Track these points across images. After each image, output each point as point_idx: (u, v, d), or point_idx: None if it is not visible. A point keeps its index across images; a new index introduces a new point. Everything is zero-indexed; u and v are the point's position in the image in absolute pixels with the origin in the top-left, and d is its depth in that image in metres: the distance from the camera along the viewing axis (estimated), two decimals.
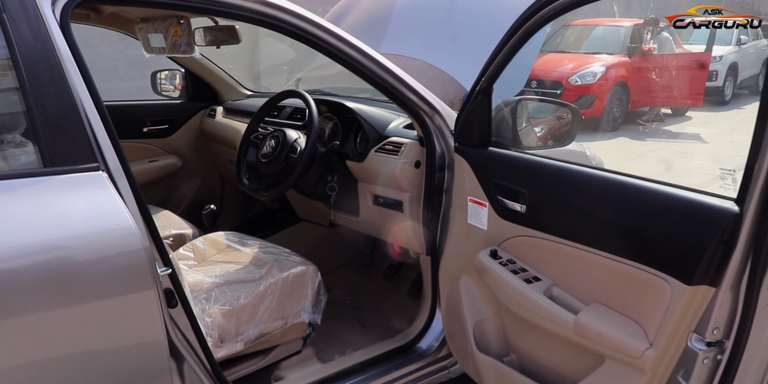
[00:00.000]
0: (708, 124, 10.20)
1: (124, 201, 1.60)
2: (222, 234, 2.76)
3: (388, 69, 2.24)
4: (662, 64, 9.83)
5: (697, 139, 9.33)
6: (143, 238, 1.61)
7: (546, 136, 2.58)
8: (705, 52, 9.68)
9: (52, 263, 1.49)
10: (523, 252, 1.97)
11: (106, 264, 1.57)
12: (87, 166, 1.59)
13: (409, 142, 2.43)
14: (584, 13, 11.31)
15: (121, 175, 1.63)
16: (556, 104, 2.69)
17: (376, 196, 2.62)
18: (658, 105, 9.97)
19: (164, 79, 3.89)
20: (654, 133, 9.51)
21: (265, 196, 2.63)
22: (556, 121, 2.52)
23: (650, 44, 9.84)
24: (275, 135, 2.68)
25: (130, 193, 1.63)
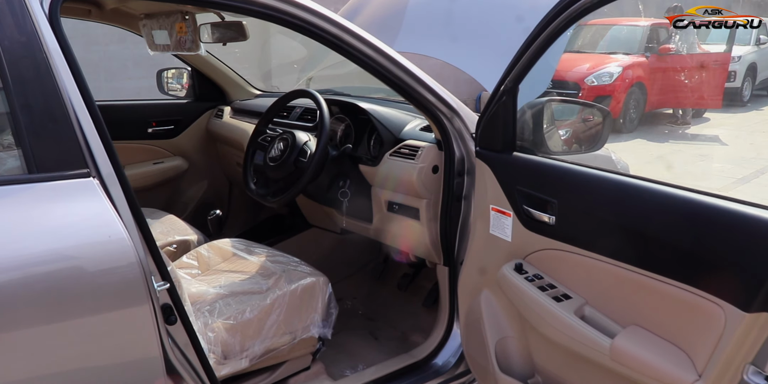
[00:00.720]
0: (726, 125, 10.00)
1: (117, 210, 1.47)
2: (228, 241, 2.62)
3: (404, 68, 2.10)
4: (680, 64, 9.65)
5: (716, 141, 9.14)
6: (138, 250, 1.48)
7: (571, 139, 2.42)
8: (725, 52, 9.49)
9: (36, 279, 1.37)
10: (551, 266, 1.82)
11: (96, 279, 1.45)
12: (76, 173, 1.46)
13: (427, 146, 2.29)
14: (601, 12, 11.12)
15: (114, 182, 1.50)
16: (586, 106, 2.53)
17: (391, 203, 2.48)
18: (676, 106, 9.78)
19: (171, 78, 3.77)
20: (672, 135, 9.34)
21: (272, 202, 2.48)
22: (581, 123, 2.37)
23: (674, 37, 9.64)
24: (284, 137, 2.53)
25: (124, 202, 1.51)
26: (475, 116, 2.22)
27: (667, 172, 7.14)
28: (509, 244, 1.95)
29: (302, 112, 3.00)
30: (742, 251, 1.33)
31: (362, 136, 2.64)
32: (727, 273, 1.36)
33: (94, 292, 1.44)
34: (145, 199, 3.39)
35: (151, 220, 2.98)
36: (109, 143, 1.51)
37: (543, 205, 1.79)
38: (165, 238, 2.80)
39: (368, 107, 2.55)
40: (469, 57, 3.09)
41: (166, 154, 3.57)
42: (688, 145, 8.99)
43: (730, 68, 9.87)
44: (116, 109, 3.46)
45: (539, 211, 1.80)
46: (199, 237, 2.85)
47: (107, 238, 1.45)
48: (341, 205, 2.53)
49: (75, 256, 1.42)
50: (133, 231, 1.50)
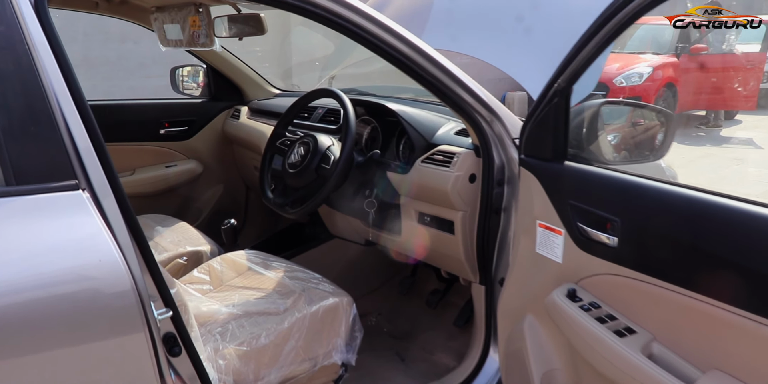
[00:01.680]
0: (760, 128, 9.67)
1: (110, 228, 1.27)
2: (243, 254, 2.41)
3: (440, 65, 1.90)
4: (713, 64, 9.33)
5: (749, 143, 8.83)
6: (135, 274, 1.28)
7: (619, 146, 2.18)
8: (760, 51, 9.16)
9: (11, 310, 1.17)
10: (610, 294, 1.58)
11: (83, 310, 1.25)
12: (63, 184, 1.26)
13: (463, 152, 2.07)
14: None
15: (107, 194, 1.29)
16: (647, 109, 2.28)
17: (422, 214, 2.25)
18: (708, 108, 9.46)
19: (186, 76, 3.57)
20: (704, 138, 9.03)
21: (291, 213, 2.26)
22: (631, 128, 2.12)
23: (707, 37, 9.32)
24: (305, 141, 2.31)
25: (119, 218, 1.30)
26: (517, 120, 2.01)
27: (702, 177, 6.86)
28: (559, 265, 1.71)
29: (325, 113, 2.78)
30: None
31: (390, 141, 2.42)
32: None
33: (80, 324, 1.24)
34: (156, 205, 3.23)
35: (161, 227, 2.79)
36: (103, 149, 1.30)
37: (602, 223, 1.56)
38: (176, 248, 2.60)
39: (397, 108, 2.32)
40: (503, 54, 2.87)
41: (179, 157, 3.38)
42: (720, 148, 8.69)
43: (766, 68, 9.52)
44: (126, 109, 3.29)
45: (597, 230, 1.56)
46: (213, 248, 2.65)
47: (97, 262, 1.25)
48: (367, 216, 2.31)
49: (58, 283, 1.22)
50: (129, 252, 1.30)
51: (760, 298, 1.22)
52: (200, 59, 3.31)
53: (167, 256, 2.54)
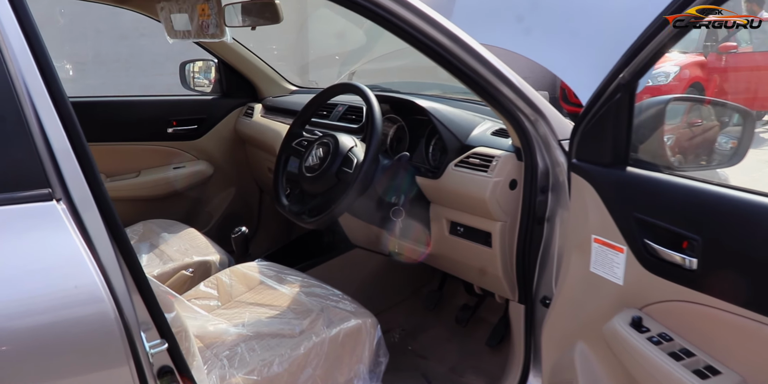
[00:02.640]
0: None
1: (90, 247, 1.05)
2: (255, 266, 2.19)
3: (482, 58, 1.69)
4: (743, 63, 9.01)
5: None
6: (119, 302, 1.06)
7: (674, 148, 1.93)
8: None
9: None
10: (686, 325, 1.34)
11: (54, 346, 1.03)
12: (32, 194, 1.04)
13: (503, 155, 1.83)
14: None
15: (89, 207, 1.07)
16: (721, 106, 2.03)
17: (455, 224, 2.02)
18: None
19: (197, 72, 3.36)
20: None
21: (309, 222, 2.02)
22: (686, 129, 1.87)
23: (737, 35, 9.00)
24: (324, 142, 2.07)
25: (103, 234, 1.06)
26: (564, 120, 1.78)
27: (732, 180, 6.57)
28: (620, 288, 1.47)
29: (345, 110, 2.55)
30: None
31: (418, 141, 2.18)
32: None
33: (50, 363, 1.02)
34: (163, 209, 3.06)
35: (167, 234, 2.59)
36: (85, 153, 1.08)
37: (677, 241, 1.31)
38: (182, 258, 2.39)
39: (428, 106, 2.08)
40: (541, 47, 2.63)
41: (188, 158, 3.18)
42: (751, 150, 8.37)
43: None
44: (131, 106, 3.09)
45: (671, 249, 1.32)
46: (223, 257, 2.44)
47: (72, 289, 1.02)
48: (393, 226, 2.07)
49: (21, 315, 0.99)
50: (115, 276, 1.08)
51: None
52: (211, 53, 3.10)
53: (172, 267, 2.33)
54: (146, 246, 2.59)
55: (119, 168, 3.01)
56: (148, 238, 2.64)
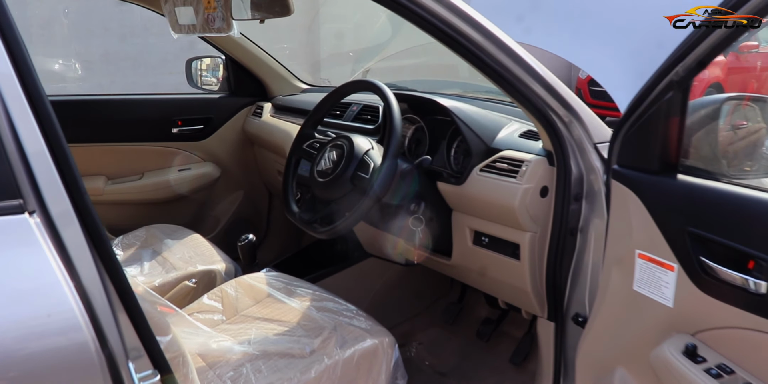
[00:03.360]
0: None
1: (69, 267, 0.90)
2: (262, 276, 2.04)
3: (514, 54, 1.54)
4: (764, 63, 8.81)
5: None
6: (100, 330, 0.92)
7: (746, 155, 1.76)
8: None
9: None
10: (750, 356, 1.18)
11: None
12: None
13: (534, 160, 1.68)
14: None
15: (69, 220, 0.91)
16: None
17: (479, 234, 1.86)
18: None
19: (204, 70, 3.21)
20: None
21: (321, 232, 1.86)
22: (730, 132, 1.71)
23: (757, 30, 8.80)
24: (338, 144, 1.91)
25: (85, 252, 0.91)
26: (600, 122, 1.63)
27: None
28: (669, 310, 1.31)
29: (360, 110, 2.40)
30: None
31: (439, 144, 2.03)
32: None
33: None
34: (167, 213, 2.93)
35: (170, 240, 2.45)
36: (66, 158, 0.92)
37: (740, 260, 1.15)
38: (185, 267, 2.24)
39: (450, 105, 1.92)
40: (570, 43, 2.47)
41: (193, 159, 3.04)
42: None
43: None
44: (134, 105, 2.94)
45: (732, 269, 1.16)
46: (229, 266, 2.30)
47: (45, 317, 0.87)
48: (413, 236, 1.91)
49: None
50: (98, 299, 0.92)
51: None
52: (219, 50, 2.96)
53: (175, 277, 2.18)
54: (149, 253, 2.46)
55: (121, 170, 2.89)
56: (151, 244, 2.50)
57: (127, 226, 2.62)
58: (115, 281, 0.96)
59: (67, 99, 2.86)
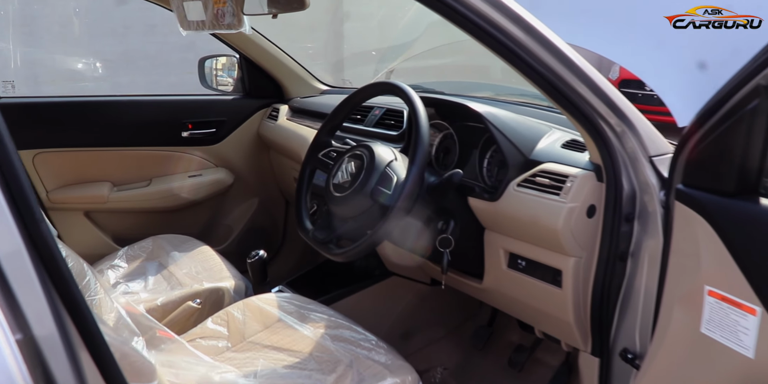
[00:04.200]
0: None
1: (13, 308, 0.70)
2: (273, 298, 1.86)
3: (562, 54, 1.34)
4: None
5: None
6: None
7: None
8: None
9: None
10: None
11: None
12: None
13: (579, 174, 1.47)
14: None
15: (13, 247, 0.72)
16: None
17: (515, 257, 1.66)
18: None
19: (220, 69, 3.04)
20: None
21: (338, 254, 1.65)
22: None
23: None
24: (357, 154, 1.71)
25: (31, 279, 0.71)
26: (657, 133, 1.43)
27: None
28: (748, 362, 1.10)
29: (383, 115, 2.20)
30: None
31: (469, 153, 1.82)
32: None
33: None
34: (176, 222, 2.77)
35: (178, 253, 2.29)
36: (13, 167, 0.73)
37: None
38: (191, 283, 2.07)
39: (484, 110, 1.72)
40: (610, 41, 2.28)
41: (205, 165, 2.87)
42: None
43: None
44: (141, 107, 2.77)
45: None
46: (239, 283, 2.12)
47: None
48: (440, 258, 1.70)
49: None
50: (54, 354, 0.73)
51: None
52: (232, 48, 2.79)
53: (179, 296, 2.00)
54: (154, 266, 2.29)
55: (128, 176, 2.72)
56: (157, 256, 2.33)
57: (133, 236, 2.46)
58: (75, 318, 0.77)
59: (68, 100, 2.71)
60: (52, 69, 6.70)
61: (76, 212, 2.66)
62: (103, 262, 2.31)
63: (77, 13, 6.86)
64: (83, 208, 2.67)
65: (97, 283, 1.57)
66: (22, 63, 6.63)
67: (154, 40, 6.98)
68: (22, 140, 2.50)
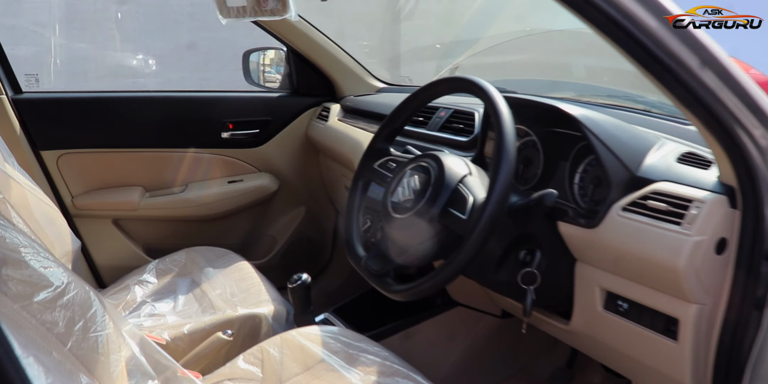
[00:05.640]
0: None
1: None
2: (317, 333, 1.60)
3: (705, 50, 1.04)
4: None
5: None
6: None
7: None
8: None
9: None
10: None
11: None
12: None
13: (708, 199, 1.16)
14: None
15: None
16: None
17: (615, 297, 1.34)
18: None
19: (268, 64, 2.81)
20: None
21: (398, 292, 1.34)
22: None
23: None
24: (422, 165, 1.40)
25: None
26: None
27: None
28: None
29: (449, 117, 1.89)
30: None
31: (555, 165, 1.51)
32: None
33: None
34: (213, 233, 2.65)
35: (212, 269, 2.08)
36: None
37: None
38: (224, 307, 1.86)
39: (580, 114, 1.40)
40: None
41: (247, 169, 2.66)
42: None
43: None
44: (177, 104, 2.55)
45: None
46: (278, 309, 1.87)
47: None
48: (523, 295, 1.38)
49: None
50: None
51: None
52: (279, 40, 2.55)
53: (209, 324, 1.78)
54: (186, 283, 2.06)
55: (161, 181, 2.53)
56: (190, 271, 2.12)
57: (165, 247, 2.29)
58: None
59: (96, 95, 2.53)
60: (102, 64, 6.70)
61: (103, 220, 2.48)
62: (131, 277, 2.11)
63: (128, 8, 6.83)
64: (111, 216, 2.49)
65: (106, 314, 1.31)
66: (71, 58, 6.66)
67: (206, 35, 6.90)
68: (45, 140, 2.34)
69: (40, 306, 1.09)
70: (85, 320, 1.21)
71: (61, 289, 1.17)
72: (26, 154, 2.29)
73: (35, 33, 6.43)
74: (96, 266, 2.47)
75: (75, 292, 1.23)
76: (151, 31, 6.83)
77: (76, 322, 1.17)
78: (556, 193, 1.27)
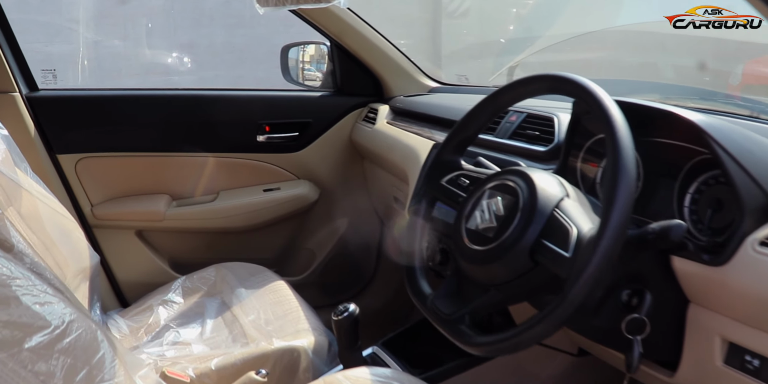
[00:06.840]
0: None
1: None
2: (367, 375, 1.35)
3: None
4: None
5: None
6: None
7: None
8: None
9: None
10: None
11: None
12: None
13: None
14: None
15: None
16: None
17: (740, 351, 1.08)
18: None
19: (308, 61, 2.65)
20: None
21: (477, 346, 1.07)
22: None
23: None
24: (507, 184, 1.14)
25: None
26: None
27: None
28: None
29: (521, 122, 1.64)
30: None
31: (656, 183, 1.25)
32: None
33: None
34: (246, 247, 2.50)
35: (244, 290, 1.90)
36: None
37: None
38: (257, 338, 1.66)
39: (699, 119, 1.13)
40: None
41: (284, 177, 2.50)
42: None
43: None
44: (209, 104, 2.37)
45: None
46: (319, 340, 1.67)
47: None
48: (627, 344, 1.12)
49: None
50: None
51: None
52: (323, 34, 2.36)
53: (240, 359, 1.61)
54: (215, 305, 1.88)
55: (189, 188, 2.39)
56: (220, 291, 1.95)
57: (193, 262, 2.17)
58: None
59: (118, 93, 2.37)
60: (135, 62, 6.75)
61: (126, 231, 2.33)
62: (154, 296, 1.95)
63: (162, 5, 6.89)
64: (135, 227, 2.34)
65: (116, 359, 1.09)
66: (104, 55, 6.71)
67: (241, 32, 6.92)
68: (63, 142, 2.20)
69: (32, 353, 0.88)
70: (90, 367, 1.00)
71: (60, 331, 0.96)
72: (41, 159, 2.15)
73: (69, 30, 6.46)
74: (117, 283, 2.33)
75: (78, 332, 1.02)
76: (185, 28, 6.86)
77: (79, 371, 0.97)
78: (685, 225, 0.99)
